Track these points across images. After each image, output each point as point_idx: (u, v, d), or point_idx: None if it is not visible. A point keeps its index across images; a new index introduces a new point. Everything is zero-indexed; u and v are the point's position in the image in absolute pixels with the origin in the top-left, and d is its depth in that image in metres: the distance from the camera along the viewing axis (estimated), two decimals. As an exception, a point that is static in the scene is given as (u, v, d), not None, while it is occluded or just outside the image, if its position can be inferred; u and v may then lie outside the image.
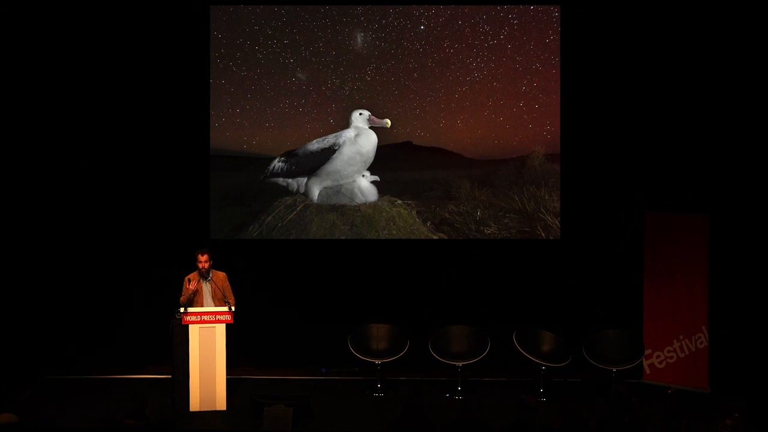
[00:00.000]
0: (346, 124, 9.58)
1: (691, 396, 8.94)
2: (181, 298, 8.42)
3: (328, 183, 9.62)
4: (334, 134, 9.59)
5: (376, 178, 9.59)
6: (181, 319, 8.23)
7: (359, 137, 9.53)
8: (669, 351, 9.25)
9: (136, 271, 9.52)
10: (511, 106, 9.63)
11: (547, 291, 9.56)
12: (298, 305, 9.61)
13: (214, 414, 8.23)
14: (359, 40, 9.64)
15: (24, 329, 9.36)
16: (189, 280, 8.39)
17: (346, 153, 9.52)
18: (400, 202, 9.65)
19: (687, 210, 9.15)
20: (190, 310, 8.27)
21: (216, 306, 8.42)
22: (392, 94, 9.64)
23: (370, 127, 9.53)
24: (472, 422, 6.48)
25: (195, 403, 8.25)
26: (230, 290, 8.55)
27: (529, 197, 9.59)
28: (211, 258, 8.49)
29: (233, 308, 8.33)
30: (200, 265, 8.44)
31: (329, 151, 9.55)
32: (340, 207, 9.61)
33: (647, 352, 9.23)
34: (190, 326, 8.23)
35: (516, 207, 9.61)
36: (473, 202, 9.65)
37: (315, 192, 9.64)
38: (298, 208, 9.62)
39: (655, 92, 9.33)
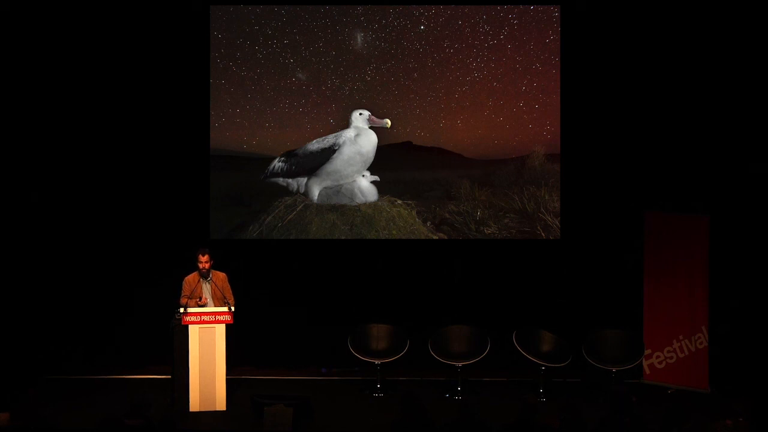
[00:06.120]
0: (346, 124, 9.58)
1: (691, 396, 8.94)
2: (182, 300, 8.42)
3: (328, 183, 9.63)
4: (334, 134, 9.59)
5: (376, 178, 9.59)
6: (181, 320, 8.24)
7: (359, 137, 9.53)
8: (669, 351, 9.26)
9: (136, 271, 9.52)
10: (511, 106, 9.64)
11: (547, 291, 9.56)
12: (298, 305, 9.61)
13: (214, 414, 8.22)
14: (359, 40, 9.64)
15: (24, 329, 9.35)
16: (200, 298, 8.40)
17: (346, 153, 9.53)
18: (400, 202, 9.66)
19: (687, 210, 9.16)
20: (190, 310, 8.27)
21: (216, 306, 8.42)
22: (392, 94, 9.65)
23: (370, 127, 9.54)
24: (472, 422, 6.48)
25: (195, 403, 8.25)
26: (230, 290, 8.55)
27: (529, 197, 9.59)
28: (211, 258, 8.50)
29: (233, 308, 8.33)
30: (201, 266, 8.44)
31: (329, 151, 9.55)
32: (340, 207, 9.61)
33: (647, 352, 9.23)
34: (190, 326, 8.23)
35: (516, 207, 9.62)
36: (473, 202, 9.65)
37: (315, 192, 9.64)
38: (298, 208, 9.62)
39: (654, 92, 9.33)
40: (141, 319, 9.35)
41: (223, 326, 8.29)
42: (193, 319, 8.24)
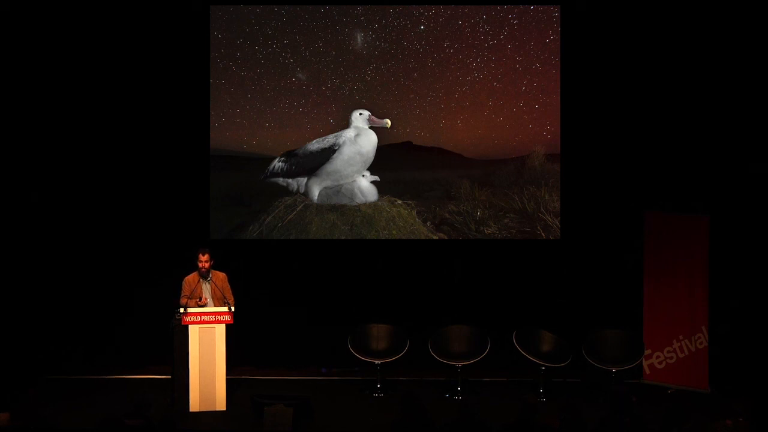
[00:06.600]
0: (346, 124, 9.58)
1: (691, 396, 8.94)
2: (182, 300, 8.42)
3: (328, 183, 9.63)
4: (334, 134, 9.59)
5: (376, 178, 9.59)
6: (180, 320, 8.24)
7: (359, 137, 9.53)
8: (669, 351, 9.25)
9: (136, 271, 9.52)
10: (511, 106, 9.64)
11: (547, 291, 9.56)
12: (297, 305, 9.61)
13: (214, 414, 8.22)
14: (359, 40, 9.64)
15: (24, 329, 9.35)
16: (200, 298, 8.40)
17: (346, 153, 9.53)
18: (400, 202, 9.66)
19: (687, 210, 9.16)
20: (190, 310, 8.27)
21: (216, 306, 8.42)
22: (392, 94, 9.65)
23: (370, 127, 9.54)
24: (472, 422, 6.48)
25: (195, 404, 8.25)
26: (230, 291, 8.55)
27: (529, 197, 9.59)
28: (211, 258, 8.50)
29: (233, 308, 8.33)
30: (201, 265, 8.44)
31: (329, 151, 9.55)
32: (340, 207, 9.61)
33: (647, 352, 9.23)
34: (190, 326, 8.23)
35: (516, 207, 9.62)
36: (473, 202, 9.65)
37: (315, 192, 9.64)
38: (298, 208, 9.62)
39: (654, 92, 9.33)
40: (141, 319, 9.34)
41: (223, 326, 8.29)
42: (193, 319, 8.24)
